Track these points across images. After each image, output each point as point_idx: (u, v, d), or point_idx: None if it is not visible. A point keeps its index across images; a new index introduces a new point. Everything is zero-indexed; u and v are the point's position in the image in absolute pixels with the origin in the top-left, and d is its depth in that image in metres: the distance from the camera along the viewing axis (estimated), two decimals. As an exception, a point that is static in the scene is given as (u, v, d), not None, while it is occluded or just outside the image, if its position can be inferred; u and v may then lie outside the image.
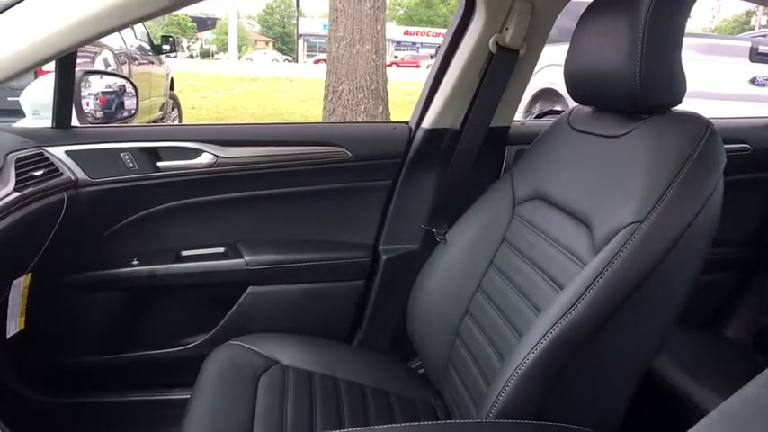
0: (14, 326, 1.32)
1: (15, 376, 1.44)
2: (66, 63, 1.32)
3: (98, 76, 1.75)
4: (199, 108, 9.39)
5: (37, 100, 1.44)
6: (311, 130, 1.52)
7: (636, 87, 0.94)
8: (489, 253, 1.23)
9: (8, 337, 1.30)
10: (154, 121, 6.22)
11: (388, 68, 6.53)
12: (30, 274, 1.31)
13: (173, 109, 7.12)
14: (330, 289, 1.53)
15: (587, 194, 1.01)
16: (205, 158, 1.42)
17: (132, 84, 1.66)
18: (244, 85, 14.07)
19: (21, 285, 1.30)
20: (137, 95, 1.67)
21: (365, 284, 1.56)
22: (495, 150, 1.57)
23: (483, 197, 1.30)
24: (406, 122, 1.57)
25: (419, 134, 1.52)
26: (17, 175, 1.15)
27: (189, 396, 1.16)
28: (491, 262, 1.23)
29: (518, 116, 1.72)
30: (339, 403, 1.19)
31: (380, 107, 6.17)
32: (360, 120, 5.87)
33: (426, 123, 1.51)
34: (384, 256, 1.55)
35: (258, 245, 1.50)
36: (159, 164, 1.40)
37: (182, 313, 1.52)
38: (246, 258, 1.46)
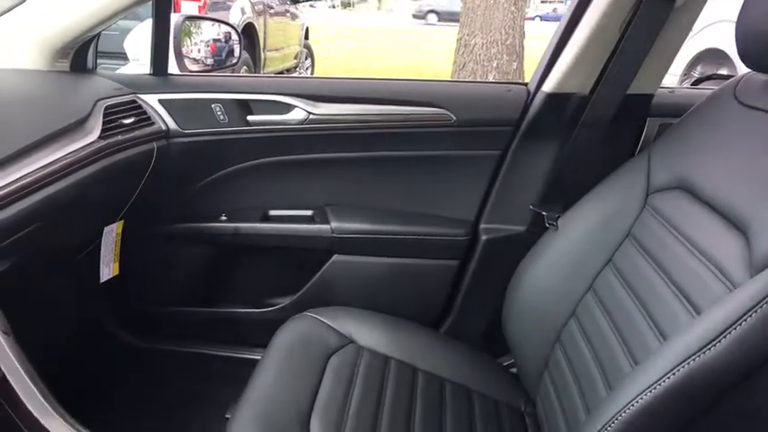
0: (108, 271, 1.35)
1: (111, 319, 1.49)
2: (161, 7, 1.27)
3: (210, 23, 1.72)
4: (331, 58, 9.50)
5: (138, 45, 1.41)
6: (412, 88, 1.36)
7: None
8: (609, 248, 1.03)
9: (102, 281, 1.33)
10: (287, 71, 6.37)
11: (530, 22, 6.09)
12: (121, 222, 1.31)
13: (306, 58, 7.25)
14: (420, 266, 1.39)
15: (748, 191, 0.78)
16: (297, 114, 1.32)
17: (237, 31, 1.60)
18: (379, 36, 14.03)
19: (113, 232, 1.31)
20: (241, 44, 1.61)
21: (460, 265, 1.40)
22: (631, 123, 1.31)
23: (609, 179, 1.09)
24: (525, 84, 1.36)
25: (538, 99, 1.30)
26: (104, 123, 1.13)
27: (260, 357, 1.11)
28: (609, 259, 1.03)
29: (669, 81, 1.43)
30: (413, 397, 1.08)
31: (515, 64, 5.78)
32: (490, 78, 5.57)
33: (548, 87, 1.28)
34: (484, 237, 1.38)
35: (347, 211, 1.40)
36: (249, 117, 1.33)
37: (265, 275, 1.47)
38: (333, 225, 1.37)
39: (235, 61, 1.65)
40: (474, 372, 1.19)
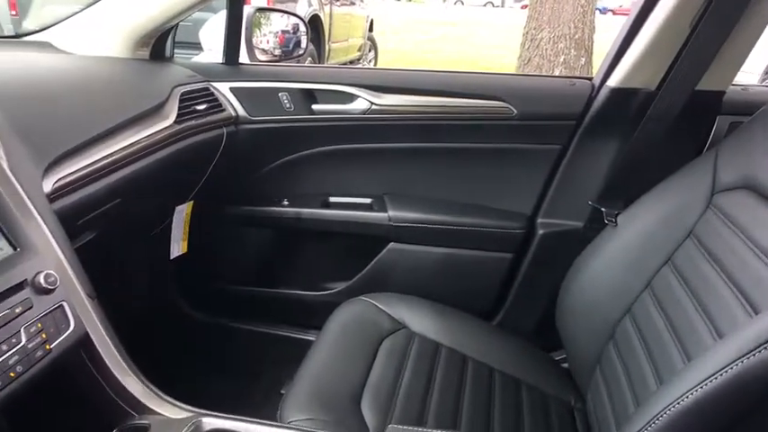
0: (177, 248, 1.43)
1: (179, 295, 1.58)
2: (235, -1, 1.33)
3: (279, 15, 1.78)
4: (394, 51, 9.52)
5: (212, 35, 1.48)
6: (473, 81, 1.37)
7: None
8: (669, 246, 1.01)
9: (171, 257, 1.41)
10: (351, 62, 6.44)
11: (602, 16, 5.90)
12: (191, 202, 1.39)
13: (370, 50, 7.30)
14: (475, 258, 1.40)
15: None
16: (360, 104, 1.36)
17: (305, 23, 1.65)
18: (443, 29, 13.93)
19: (183, 212, 1.39)
20: (308, 35, 1.66)
21: (515, 259, 1.40)
22: (699, 120, 1.27)
23: (673, 177, 1.07)
24: (589, 78, 1.34)
25: (603, 93, 1.28)
26: (180, 109, 1.20)
27: (314, 339, 1.15)
28: (669, 258, 1.01)
29: (744, 78, 1.38)
30: (461, 384, 1.09)
31: (583, 59, 5.62)
32: (556, 72, 5.44)
33: (613, 81, 1.26)
34: (541, 231, 1.37)
35: (405, 200, 1.42)
36: (314, 106, 1.38)
37: (322, 259, 1.52)
38: (390, 213, 1.39)
39: (301, 52, 1.71)
40: (524, 364, 1.19)
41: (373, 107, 1.35)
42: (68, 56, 1.23)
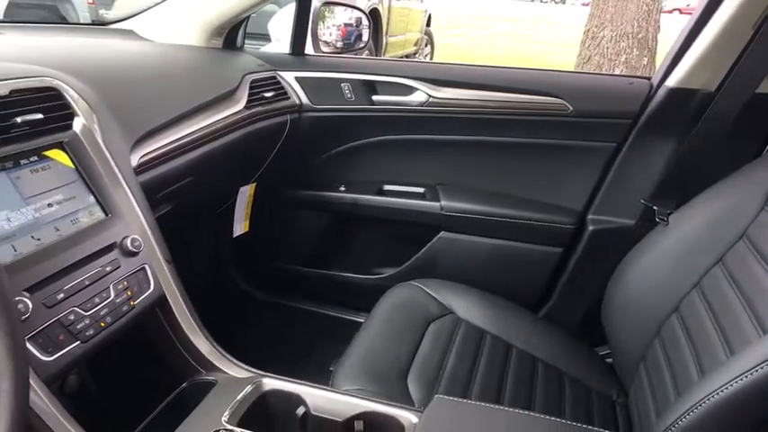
0: (240, 227, 1.52)
1: (239, 272, 1.67)
2: (306, -9, 1.40)
3: (342, 8, 1.84)
4: (451, 46, 9.49)
5: (280, 27, 1.56)
6: (530, 77, 1.39)
7: None
8: (720, 247, 1.01)
9: (234, 236, 1.50)
10: (407, 56, 6.48)
11: (667, 15, 5.73)
12: (254, 184, 1.47)
13: (426, 45, 7.31)
14: (524, 250, 1.43)
15: None
16: (418, 96, 1.41)
17: (367, 17, 1.71)
18: (501, 25, 13.76)
19: (246, 193, 1.48)
20: (370, 28, 1.71)
21: (563, 253, 1.42)
22: (758, 122, 1.26)
23: (728, 178, 1.07)
24: (648, 78, 1.34)
25: (661, 93, 1.29)
26: (249, 95, 1.28)
27: (363, 321, 1.21)
28: (720, 259, 1.01)
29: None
30: (505, 370, 1.13)
31: (645, 59, 5.47)
32: (617, 72, 5.32)
33: (672, 81, 1.26)
34: (591, 227, 1.39)
35: (457, 191, 1.46)
36: (374, 97, 1.43)
37: (374, 244, 1.58)
38: (443, 203, 1.44)
39: (362, 45, 1.77)
40: (568, 356, 1.21)
41: (431, 99, 1.39)
42: (150, 43, 1.33)
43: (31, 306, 0.65)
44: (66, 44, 1.18)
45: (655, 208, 1.21)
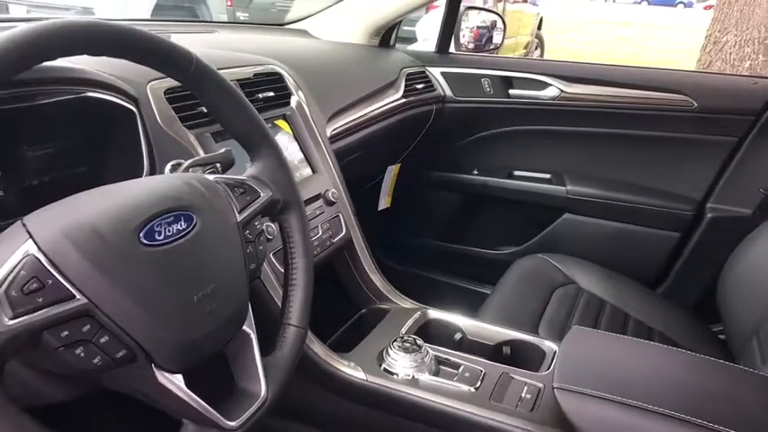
0: (384, 202, 1.75)
1: (378, 244, 1.90)
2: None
3: (475, 12, 2.03)
4: (562, 50, 9.38)
5: (426, 30, 1.78)
6: (657, 76, 1.52)
7: None
8: None
9: (379, 209, 1.74)
10: (516, 59, 6.53)
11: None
12: (399, 164, 1.70)
13: (536, 48, 7.32)
14: (644, 233, 1.56)
15: None
16: (551, 91, 1.57)
17: (503, 20, 1.88)
18: (613, 30, 13.35)
19: (392, 171, 1.71)
20: (504, 31, 1.89)
21: (682, 237, 1.53)
22: None
23: None
24: (774, 78, 1.43)
25: None
26: (405, 86, 1.50)
27: (489, 292, 1.38)
28: None
29: None
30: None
31: (772, 65, 5.22)
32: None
33: None
34: (709, 215, 1.49)
35: (582, 177, 1.61)
36: (511, 91, 1.61)
37: (502, 223, 1.75)
38: (568, 187, 1.59)
39: (492, 47, 1.94)
40: (682, 330, 1.32)
41: (563, 94, 1.55)
42: (323, 41, 1.59)
43: (276, 231, 0.89)
44: (265, 40, 1.46)
45: None
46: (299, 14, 1.72)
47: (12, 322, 0.41)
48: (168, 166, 0.72)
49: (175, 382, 0.50)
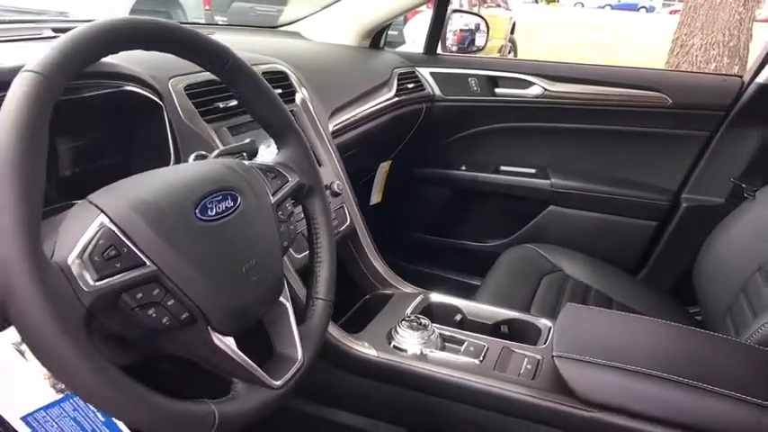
0: (375, 197, 1.81)
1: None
2: (442, 2, 1.68)
3: (458, 15, 2.11)
4: (533, 54, 9.57)
5: (414, 32, 1.85)
6: (634, 75, 1.62)
7: None
8: None
9: (370, 205, 1.79)
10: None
11: (762, 23, 5.62)
12: (390, 161, 1.76)
13: (510, 52, 7.48)
14: (624, 223, 1.65)
15: None
16: (535, 90, 1.66)
17: (486, 23, 1.97)
18: (584, 34, 13.65)
19: (383, 168, 1.77)
20: (487, 33, 1.97)
21: (659, 226, 1.63)
22: None
23: None
24: (740, 76, 1.53)
25: (751, 89, 1.48)
26: (397, 86, 1.57)
27: (479, 283, 1.44)
28: None
29: None
30: None
31: (736, 67, 5.42)
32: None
33: (762, 78, 1.46)
34: (685, 204, 1.59)
35: (565, 171, 1.70)
36: (497, 90, 1.70)
37: (490, 216, 1.83)
38: (552, 181, 1.68)
39: (474, 49, 2.01)
40: (662, 311, 1.40)
41: (546, 92, 1.64)
42: (316, 42, 1.65)
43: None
44: (263, 41, 1.51)
45: (743, 185, 1.40)
46: (283, 19, 1.78)
47: (98, 283, 0.46)
48: (192, 157, 0.77)
49: (228, 344, 0.56)
